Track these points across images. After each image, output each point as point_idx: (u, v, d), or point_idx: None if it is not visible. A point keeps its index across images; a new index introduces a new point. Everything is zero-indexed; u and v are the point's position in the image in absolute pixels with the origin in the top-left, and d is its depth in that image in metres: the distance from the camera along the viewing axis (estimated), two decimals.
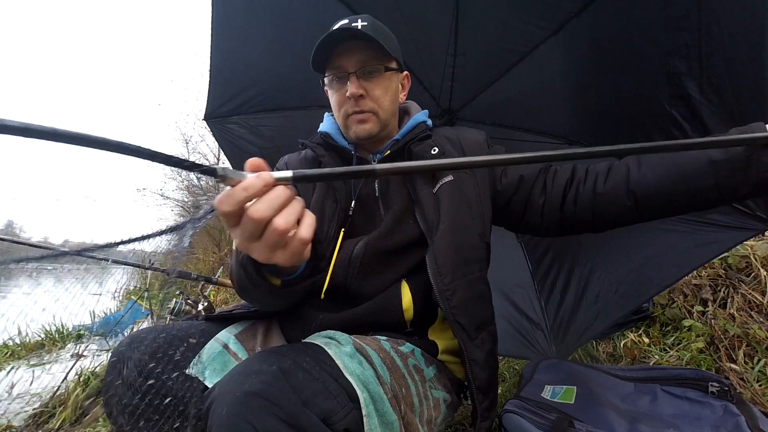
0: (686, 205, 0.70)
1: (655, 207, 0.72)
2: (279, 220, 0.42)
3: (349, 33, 0.77)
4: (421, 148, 0.83)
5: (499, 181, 0.86)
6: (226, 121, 1.56)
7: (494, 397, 0.77)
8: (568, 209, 0.79)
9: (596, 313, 1.39)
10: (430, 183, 0.82)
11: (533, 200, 0.83)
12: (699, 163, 0.65)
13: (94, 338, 2.97)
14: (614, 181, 0.75)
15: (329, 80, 0.82)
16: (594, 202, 0.76)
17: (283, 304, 0.68)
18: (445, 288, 0.73)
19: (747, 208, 0.99)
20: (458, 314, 0.73)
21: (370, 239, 0.77)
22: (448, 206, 0.79)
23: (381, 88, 0.81)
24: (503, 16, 1.17)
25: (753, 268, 1.49)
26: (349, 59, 0.79)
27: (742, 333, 1.33)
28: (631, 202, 0.73)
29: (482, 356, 0.74)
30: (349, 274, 0.76)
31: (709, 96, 0.90)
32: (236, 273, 0.60)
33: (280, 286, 0.59)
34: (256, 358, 0.53)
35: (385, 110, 0.83)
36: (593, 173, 0.78)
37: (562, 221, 0.81)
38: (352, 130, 0.83)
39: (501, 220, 0.89)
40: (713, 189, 0.64)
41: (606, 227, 0.80)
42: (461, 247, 0.78)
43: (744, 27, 0.81)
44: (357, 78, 0.79)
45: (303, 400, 0.47)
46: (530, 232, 0.90)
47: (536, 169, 0.83)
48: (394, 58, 0.83)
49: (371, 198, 0.83)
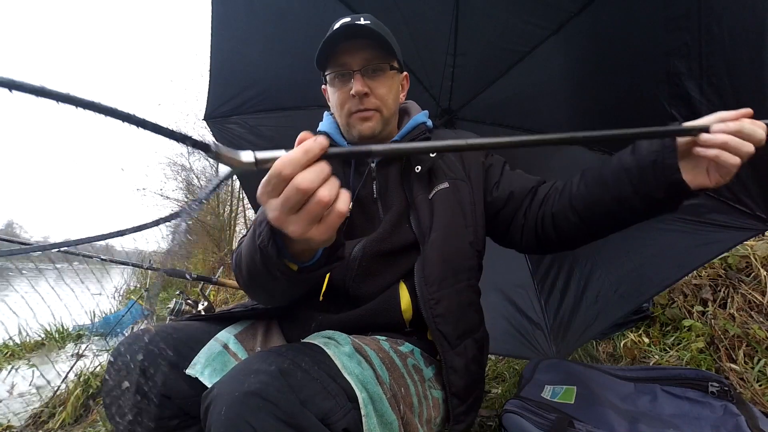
0: (622, 217, 0.70)
1: (597, 220, 0.73)
2: (323, 191, 0.42)
3: (355, 30, 0.77)
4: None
5: (490, 192, 0.86)
6: (225, 121, 1.56)
7: (473, 403, 0.77)
8: (538, 230, 0.81)
9: (596, 313, 1.39)
10: (427, 189, 0.82)
11: (517, 219, 0.84)
12: (615, 170, 0.67)
13: (94, 338, 2.97)
14: (562, 199, 0.76)
15: (331, 78, 0.82)
16: (552, 220, 0.78)
17: (291, 294, 0.67)
18: (429, 297, 0.73)
19: (747, 207, 0.99)
20: (441, 323, 0.73)
21: (368, 241, 0.77)
22: (442, 213, 0.79)
23: (385, 86, 0.81)
24: (503, 16, 1.17)
25: (753, 268, 1.49)
26: (354, 57, 0.79)
27: (742, 333, 1.33)
28: (576, 218, 0.74)
29: (462, 363, 0.74)
30: (348, 275, 0.76)
31: (709, 96, 0.90)
32: (249, 259, 0.59)
33: (297, 271, 0.56)
34: (255, 358, 0.53)
35: (388, 109, 0.83)
36: (555, 192, 0.79)
37: (538, 240, 0.82)
38: (355, 128, 0.82)
39: (488, 231, 0.89)
40: (634, 196, 0.65)
41: (571, 245, 0.81)
42: (451, 256, 0.78)
43: (744, 27, 0.81)
44: (362, 76, 0.79)
45: (301, 399, 0.47)
46: (513, 248, 0.91)
47: (527, 188, 0.84)
48: (396, 57, 0.83)
49: (370, 199, 0.83)
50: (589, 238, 0.78)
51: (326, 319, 0.74)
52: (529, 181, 0.85)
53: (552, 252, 0.86)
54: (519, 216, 0.83)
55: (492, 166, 0.89)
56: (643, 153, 0.64)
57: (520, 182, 0.85)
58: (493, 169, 0.88)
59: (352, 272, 0.76)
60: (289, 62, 1.35)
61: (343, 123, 0.84)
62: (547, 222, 0.78)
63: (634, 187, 0.65)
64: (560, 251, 0.85)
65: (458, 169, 0.86)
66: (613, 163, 0.69)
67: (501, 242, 0.92)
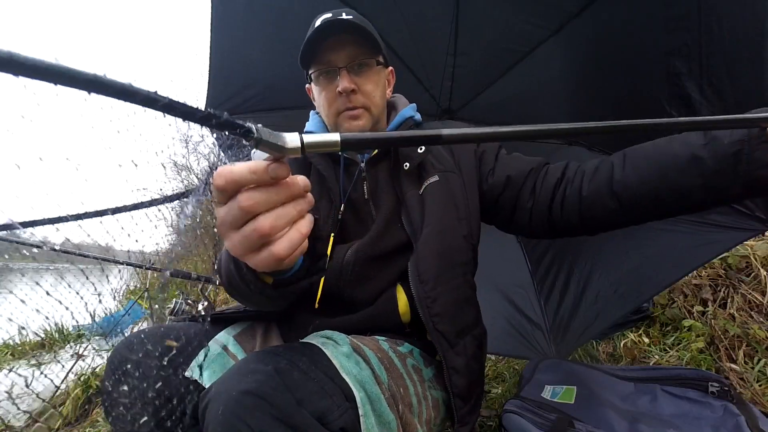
0: (676, 207, 0.63)
1: (643, 209, 0.66)
2: (266, 219, 0.36)
3: (339, 25, 0.75)
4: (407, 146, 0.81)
5: (485, 180, 0.83)
6: None
7: (476, 402, 0.76)
8: (555, 212, 0.75)
9: (596, 313, 1.39)
10: (417, 184, 0.79)
11: (522, 201, 0.79)
12: (681, 161, 0.59)
13: (94, 338, 2.97)
14: (598, 183, 0.69)
15: (316, 76, 0.79)
16: (579, 204, 0.71)
17: (275, 306, 0.64)
18: (426, 296, 0.71)
19: (746, 208, 0.99)
20: (438, 322, 0.71)
21: (360, 245, 0.75)
22: (433, 208, 0.77)
23: (372, 82, 0.79)
24: (503, 16, 1.17)
25: (753, 268, 1.49)
26: (339, 54, 0.77)
27: (742, 333, 1.33)
28: (615, 205, 0.67)
29: (463, 363, 0.72)
30: (342, 281, 0.75)
31: (709, 96, 0.90)
32: (225, 267, 0.55)
33: (271, 285, 0.53)
34: (252, 357, 0.52)
35: (376, 105, 0.81)
36: (580, 173, 0.73)
37: (550, 224, 0.77)
38: (343, 127, 0.80)
39: (491, 219, 0.87)
40: (700, 189, 0.58)
41: (597, 230, 0.75)
42: (445, 252, 0.75)
43: (744, 27, 0.81)
44: (348, 72, 0.77)
45: (298, 399, 0.47)
46: (521, 233, 0.86)
47: (525, 170, 0.80)
48: (381, 52, 0.81)
49: (361, 200, 0.81)
50: (623, 225, 0.70)
51: (324, 323, 0.73)
52: (530, 162, 0.81)
53: (564, 236, 0.79)
54: (524, 198, 0.79)
55: (485, 153, 0.85)
56: (723, 142, 0.54)
57: (517, 165, 0.81)
58: (487, 155, 0.85)
59: (345, 278, 0.74)
60: (289, 62, 1.34)
61: (330, 122, 0.82)
62: (571, 206, 0.72)
63: (705, 179, 0.57)
64: (576, 236, 0.78)
65: (448, 161, 0.83)
66: (674, 149, 0.60)
67: (506, 228, 0.87)
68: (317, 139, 0.33)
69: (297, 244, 0.39)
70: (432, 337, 0.72)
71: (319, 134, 0.33)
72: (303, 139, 0.33)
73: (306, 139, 0.33)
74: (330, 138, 0.33)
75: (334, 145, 0.33)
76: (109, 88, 0.24)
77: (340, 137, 0.32)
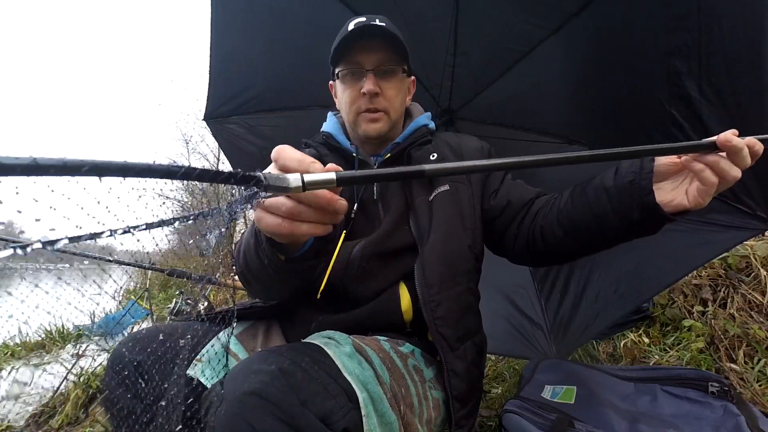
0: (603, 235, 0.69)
1: (580, 237, 0.72)
2: (302, 227, 0.44)
3: (372, 30, 0.78)
4: (420, 153, 0.85)
5: (488, 199, 0.86)
6: (225, 121, 1.56)
7: (474, 406, 0.77)
8: (530, 242, 0.80)
9: (596, 313, 1.39)
10: (427, 190, 0.82)
11: (511, 229, 0.83)
12: (597, 188, 0.67)
13: (94, 338, 2.97)
14: (552, 213, 0.76)
15: (343, 75, 0.82)
16: (542, 235, 0.77)
17: (281, 289, 0.67)
18: (430, 299, 0.73)
19: (747, 207, 0.99)
20: (441, 325, 0.73)
21: (367, 242, 0.77)
22: (441, 216, 0.79)
23: (395, 88, 0.82)
24: (503, 16, 1.17)
25: (753, 268, 1.49)
26: (368, 57, 0.80)
27: (742, 333, 1.33)
28: (561, 233, 0.74)
29: (463, 367, 0.73)
30: (347, 276, 0.76)
31: (709, 96, 0.90)
32: (246, 244, 0.61)
33: (284, 261, 0.57)
34: (255, 358, 0.53)
35: (396, 111, 0.84)
36: (547, 206, 0.79)
37: (529, 253, 0.82)
38: (361, 128, 0.83)
39: (484, 237, 0.89)
40: (613, 215, 0.65)
41: (560, 260, 0.81)
42: (450, 259, 0.78)
43: (744, 27, 0.81)
44: (374, 75, 0.79)
45: (301, 400, 0.47)
46: (506, 257, 0.90)
47: (524, 200, 0.83)
48: (407, 62, 0.84)
49: (370, 201, 0.83)
50: (575, 254, 0.77)
51: (326, 319, 0.74)
52: (528, 192, 0.85)
53: (542, 265, 0.86)
54: (513, 227, 0.83)
55: (493, 173, 0.89)
56: (622, 173, 0.64)
57: (518, 193, 0.85)
58: (494, 176, 0.88)
59: (351, 273, 0.76)
60: (289, 62, 1.35)
61: (350, 120, 0.85)
62: (537, 235, 0.78)
63: (613, 206, 0.64)
64: (550, 265, 0.85)
65: None
66: (596, 180, 0.69)
67: (495, 250, 0.92)
68: (315, 178, 0.39)
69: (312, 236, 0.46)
70: (434, 339, 0.72)
71: (317, 174, 0.39)
72: (303, 178, 0.39)
73: (306, 178, 0.39)
74: (326, 177, 0.39)
75: (330, 182, 0.39)
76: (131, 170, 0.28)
77: (335, 176, 0.39)
